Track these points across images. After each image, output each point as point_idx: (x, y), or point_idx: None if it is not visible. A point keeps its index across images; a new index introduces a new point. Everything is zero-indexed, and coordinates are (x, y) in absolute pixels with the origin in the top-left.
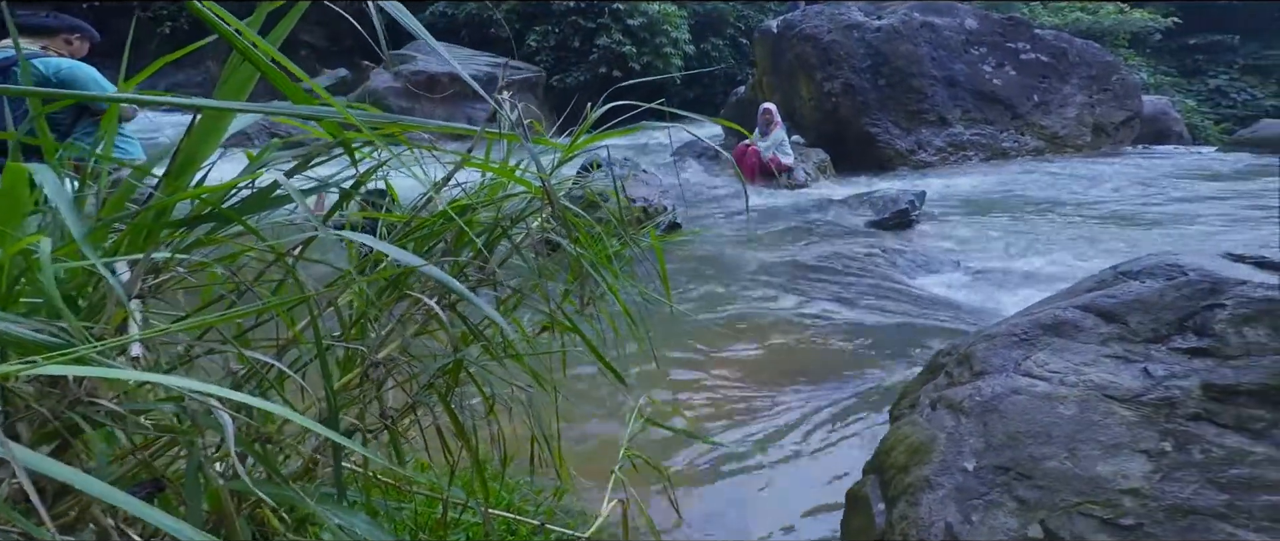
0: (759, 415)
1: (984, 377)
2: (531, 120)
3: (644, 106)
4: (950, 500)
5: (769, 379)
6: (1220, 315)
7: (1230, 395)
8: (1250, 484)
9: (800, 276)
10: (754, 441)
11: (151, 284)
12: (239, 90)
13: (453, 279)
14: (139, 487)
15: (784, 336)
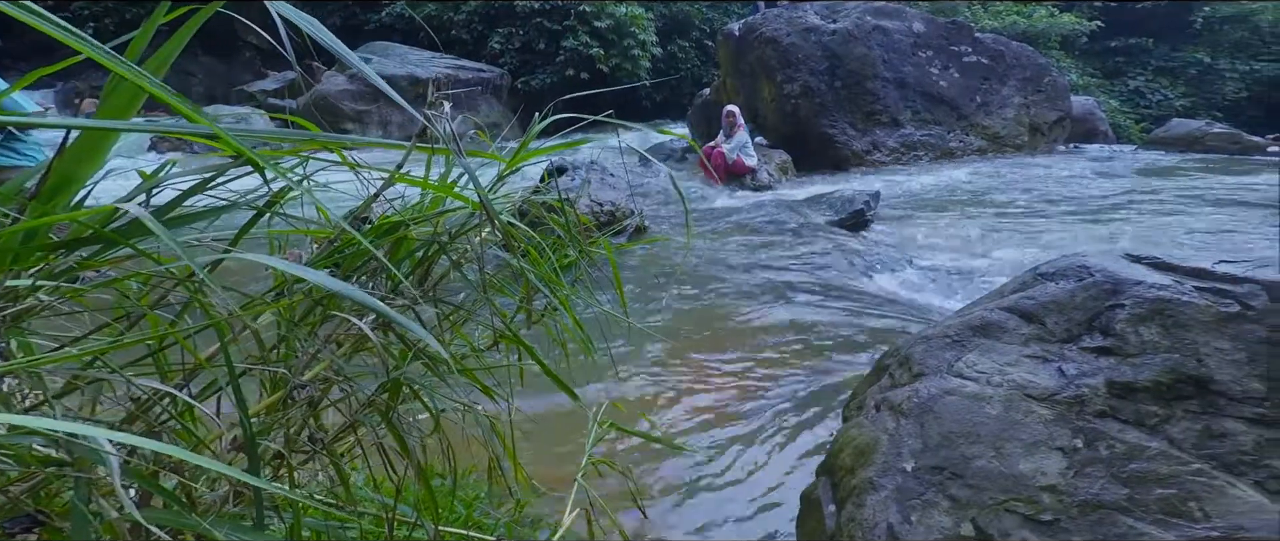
0: (722, 418)
1: (921, 379)
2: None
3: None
4: (892, 501)
5: (732, 381)
6: (1120, 315)
7: (1130, 392)
8: (1146, 478)
9: (763, 278)
10: (717, 444)
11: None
12: (124, 107)
13: (373, 299)
14: (14, 522)
15: (746, 338)
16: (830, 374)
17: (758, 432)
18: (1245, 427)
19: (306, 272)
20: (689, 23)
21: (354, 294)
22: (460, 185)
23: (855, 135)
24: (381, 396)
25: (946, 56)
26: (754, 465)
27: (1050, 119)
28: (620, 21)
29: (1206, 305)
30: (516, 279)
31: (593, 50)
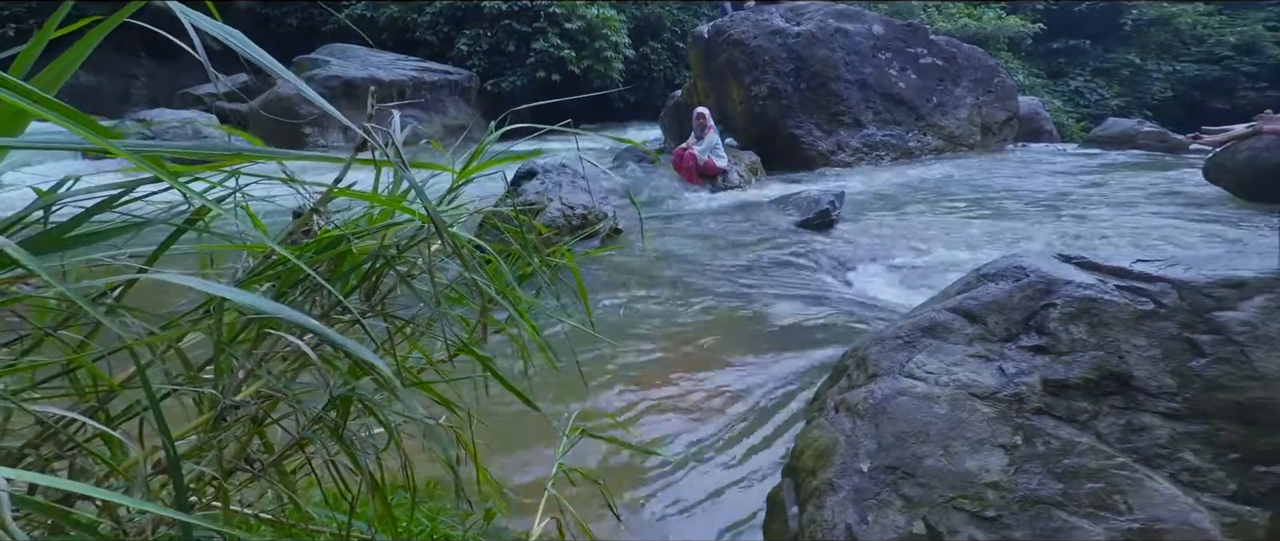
0: (691, 421)
1: (876, 380)
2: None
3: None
4: (849, 501)
5: (701, 384)
6: (1053, 314)
7: (1062, 389)
8: (1077, 473)
9: (733, 280)
10: (687, 448)
11: None
12: (9, 123)
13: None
14: None
15: (717, 340)
16: (798, 374)
17: (727, 435)
18: (1161, 422)
19: (229, 292)
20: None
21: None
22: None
23: (821, 136)
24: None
25: (904, 58)
26: (723, 467)
27: (1000, 119)
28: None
29: (1126, 303)
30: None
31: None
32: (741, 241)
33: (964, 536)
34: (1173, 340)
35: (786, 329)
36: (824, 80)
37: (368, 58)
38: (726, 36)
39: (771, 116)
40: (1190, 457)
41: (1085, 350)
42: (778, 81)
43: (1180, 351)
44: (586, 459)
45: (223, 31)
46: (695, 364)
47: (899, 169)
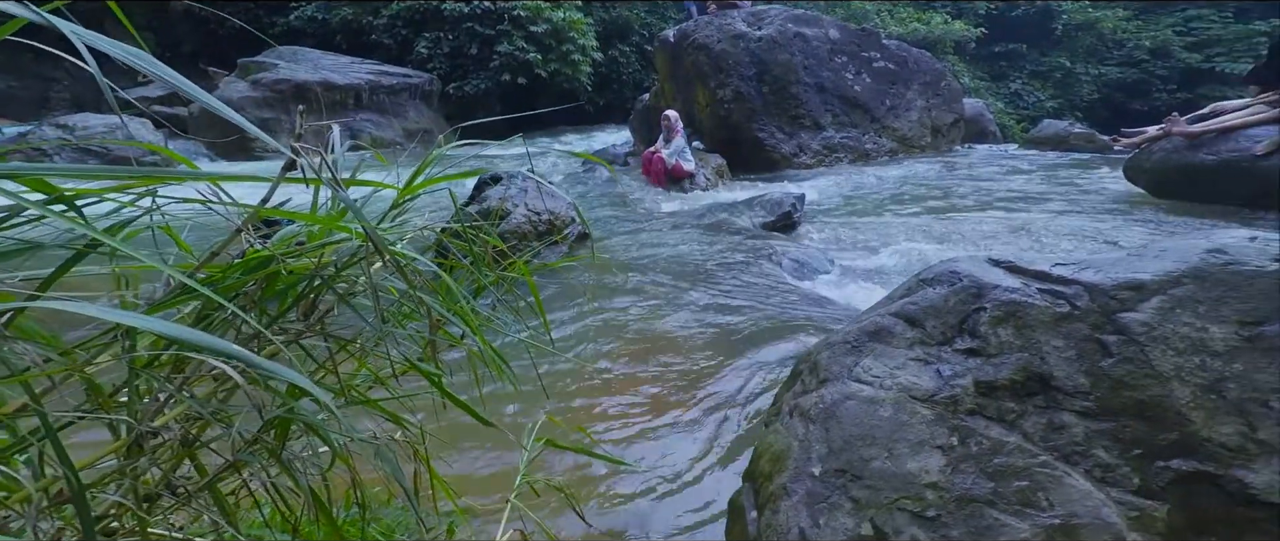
0: (658, 427)
1: (826, 385)
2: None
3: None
4: (802, 505)
5: (668, 390)
6: (983, 317)
7: (992, 390)
8: (1006, 471)
9: (699, 284)
10: (653, 455)
11: None
12: None
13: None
14: None
15: (683, 345)
16: (763, 378)
17: (693, 441)
18: (1077, 420)
19: (130, 318)
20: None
21: (191, 337)
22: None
23: (783, 139)
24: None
25: (859, 62)
26: (689, 473)
27: (948, 121)
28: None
29: (1046, 306)
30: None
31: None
32: (708, 245)
33: (907, 536)
34: (1085, 341)
35: (750, 332)
36: (785, 84)
37: (320, 61)
38: (692, 41)
39: (736, 120)
40: (1102, 454)
41: (1012, 352)
42: (741, 85)
43: (1092, 352)
44: (554, 468)
45: (122, 51)
46: (661, 369)
47: (857, 170)
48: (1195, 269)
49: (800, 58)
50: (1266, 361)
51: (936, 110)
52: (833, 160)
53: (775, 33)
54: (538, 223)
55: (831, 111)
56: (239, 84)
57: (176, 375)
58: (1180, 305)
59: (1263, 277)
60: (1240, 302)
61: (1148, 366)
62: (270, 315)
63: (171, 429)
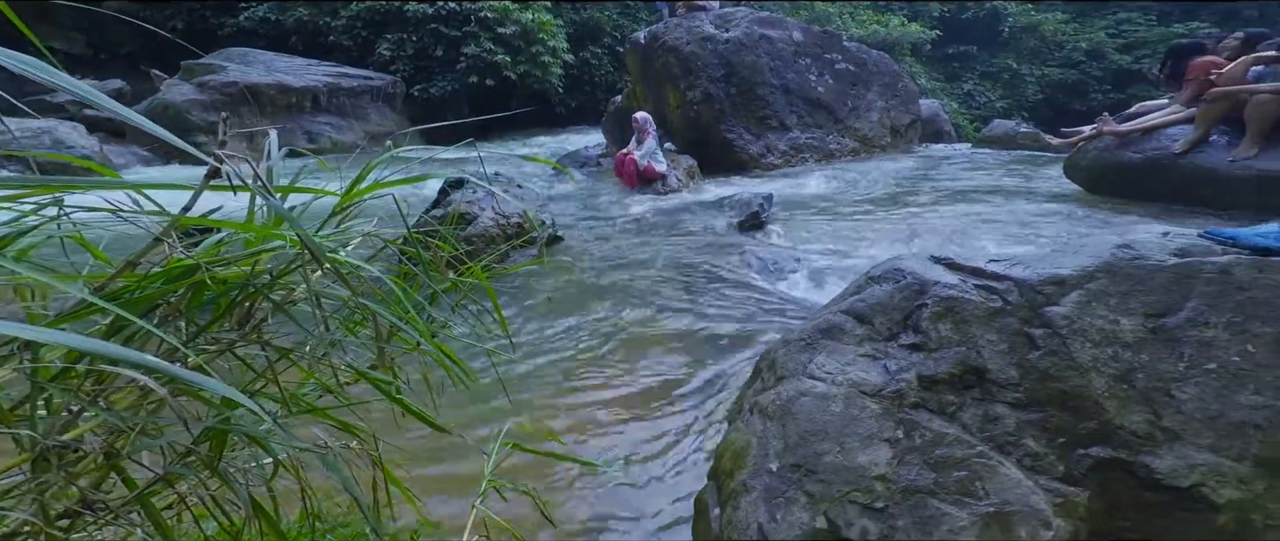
0: (627, 428)
1: (783, 382)
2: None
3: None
4: (761, 501)
5: (637, 391)
6: (925, 313)
7: (933, 384)
8: (946, 462)
9: (669, 284)
10: (622, 455)
11: None
12: None
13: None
14: None
15: (653, 345)
16: (731, 376)
17: (662, 440)
18: (1009, 411)
19: (28, 331)
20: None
21: (102, 349)
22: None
23: (751, 139)
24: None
25: (821, 64)
26: (658, 473)
27: (906, 121)
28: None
29: (981, 301)
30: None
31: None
32: (678, 245)
33: (857, 528)
34: (1016, 334)
35: (719, 331)
36: (752, 86)
37: (274, 62)
38: (662, 42)
39: (706, 121)
40: (1031, 443)
41: (951, 346)
42: (710, 87)
43: (1021, 345)
44: (522, 471)
45: (18, 62)
46: (631, 370)
47: (822, 170)
48: (1107, 264)
49: (766, 60)
50: (1168, 352)
51: (895, 111)
52: (799, 160)
53: (742, 35)
54: (506, 226)
55: (797, 112)
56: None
57: (96, 387)
58: (1095, 299)
59: (1164, 272)
60: (1145, 296)
61: (1069, 358)
62: (198, 324)
63: (89, 442)
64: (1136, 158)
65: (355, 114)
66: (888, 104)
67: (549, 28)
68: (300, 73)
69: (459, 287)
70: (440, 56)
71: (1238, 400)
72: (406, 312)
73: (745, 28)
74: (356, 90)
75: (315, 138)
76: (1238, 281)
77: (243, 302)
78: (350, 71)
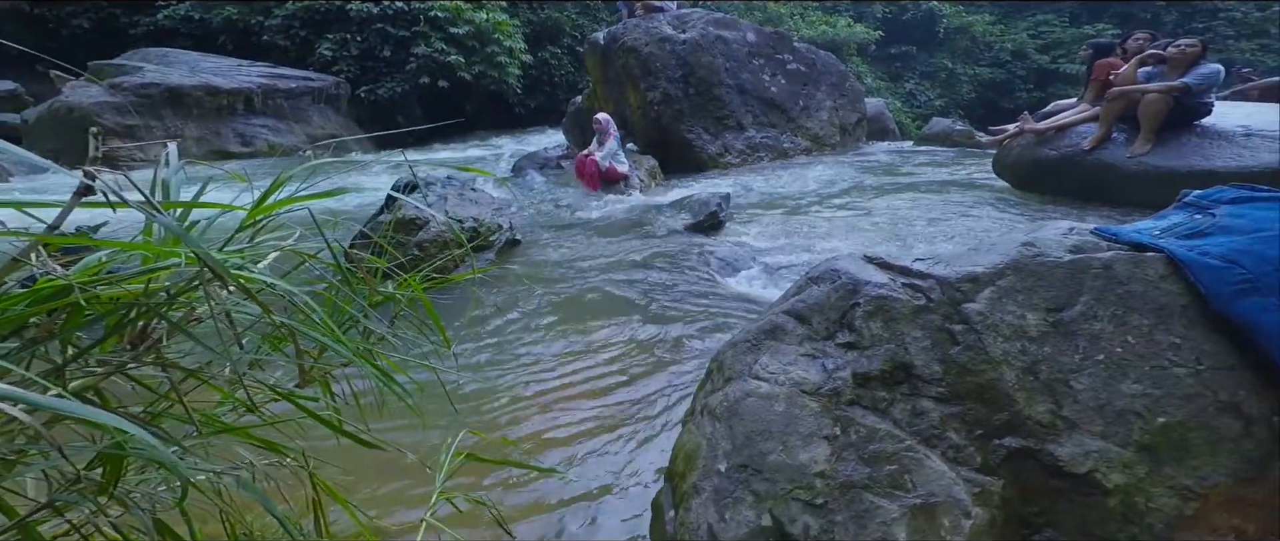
0: (586, 433)
1: (730, 383)
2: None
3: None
4: (711, 502)
5: (596, 396)
6: (858, 312)
7: (867, 381)
8: (879, 457)
9: (629, 286)
10: (580, 461)
11: None
12: None
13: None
14: None
15: (611, 349)
16: (689, 378)
17: (622, 444)
18: (934, 405)
19: None
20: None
21: None
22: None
23: (709, 139)
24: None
25: (774, 64)
26: (616, 477)
27: (853, 120)
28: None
29: (908, 299)
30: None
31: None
32: (638, 247)
33: (800, 524)
34: (938, 331)
35: (678, 333)
36: (709, 86)
37: (199, 63)
38: (621, 43)
39: (666, 121)
40: (954, 436)
41: (882, 344)
42: (669, 87)
43: (943, 340)
44: (477, 482)
45: None
46: (590, 374)
47: (777, 168)
48: (1014, 261)
49: (722, 60)
50: (1067, 344)
51: (843, 110)
52: (755, 159)
53: (698, 36)
54: (460, 231)
55: (752, 112)
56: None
57: None
58: (1005, 295)
59: (1061, 268)
60: (1046, 291)
61: (984, 352)
62: (78, 346)
63: None
64: (1053, 155)
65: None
66: (836, 103)
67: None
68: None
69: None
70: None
71: (1121, 389)
72: (331, 329)
73: (701, 29)
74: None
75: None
76: (1118, 276)
77: (135, 322)
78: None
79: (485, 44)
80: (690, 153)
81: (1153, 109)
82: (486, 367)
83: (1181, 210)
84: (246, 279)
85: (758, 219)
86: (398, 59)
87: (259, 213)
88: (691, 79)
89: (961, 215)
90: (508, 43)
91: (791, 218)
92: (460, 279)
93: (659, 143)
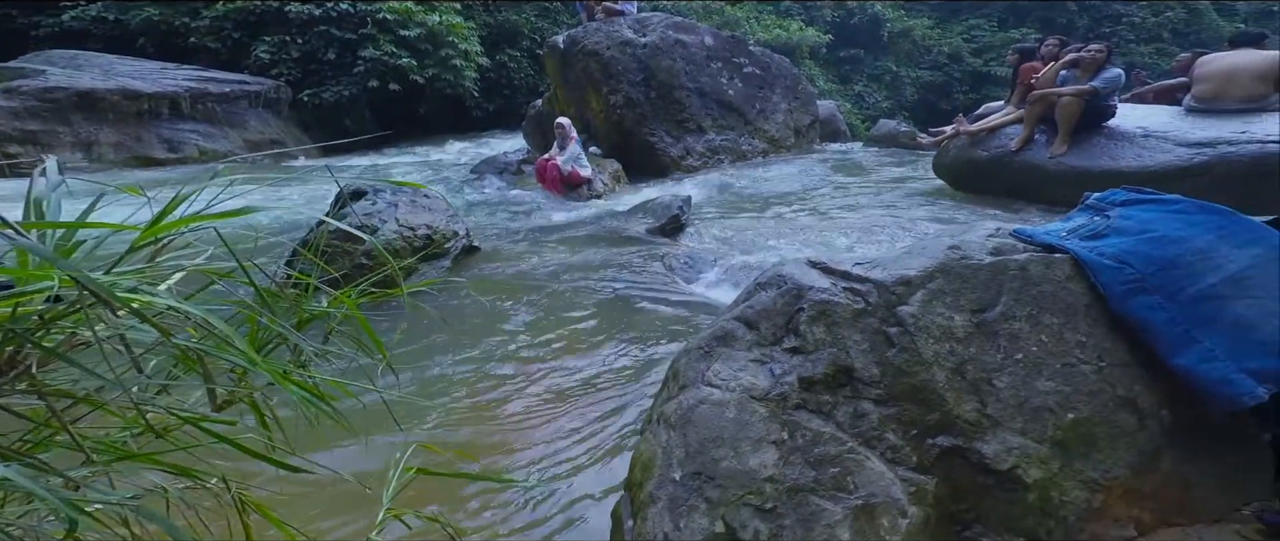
0: (545, 442)
1: (684, 390)
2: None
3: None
4: (666, 511)
5: (558, 404)
6: (802, 317)
7: (812, 385)
8: (824, 459)
9: (591, 292)
10: (539, 471)
11: None
12: None
13: None
14: None
15: (572, 357)
16: (650, 385)
17: (583, 454)
18: (873, 407)
19: None
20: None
21: None
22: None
23: (671, 142)
24: None
25: (731, 68)
26: (576, 488)
27: (806, 122)
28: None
29: (848, 303)
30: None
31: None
32: (599, 252)
33: (751, 530)
34: (876, 333)
35: (639, 339)
36: (670, 89)
37: (115, 66)
38: (582, 47)
39: (628, 125)
40: (892, 437)
41: (825, 348)
42: (631, 91)
43: (881, 343)
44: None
45: None
46: (550, 383)
47: (737, 170)
48: (942, 264)
49: (682, 64)
50: (990, 344)
51: (797, 112)
52: (716, 161)
53: (658, 39)
54: (413, 238)
55: (711, 115)
56: None
57: None
58: (935, 297)
59: (983, 270)
60: (971, 293)
61: (917, 354)
62: None
63: None
64: (984, 156)
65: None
66: (790, 106)
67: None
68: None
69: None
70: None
71: (1037, 386)
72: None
73: (661, 32)
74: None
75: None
76: (1032, 277)
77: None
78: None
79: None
80: (653, 156)
81: (1067, 111)
82: (442, 379)
83: (1084, 212)
84: (141, 301)
85: (718, 221)
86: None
87: (152, 233)
88: (653, 82)
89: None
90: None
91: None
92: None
93: (622, 146)
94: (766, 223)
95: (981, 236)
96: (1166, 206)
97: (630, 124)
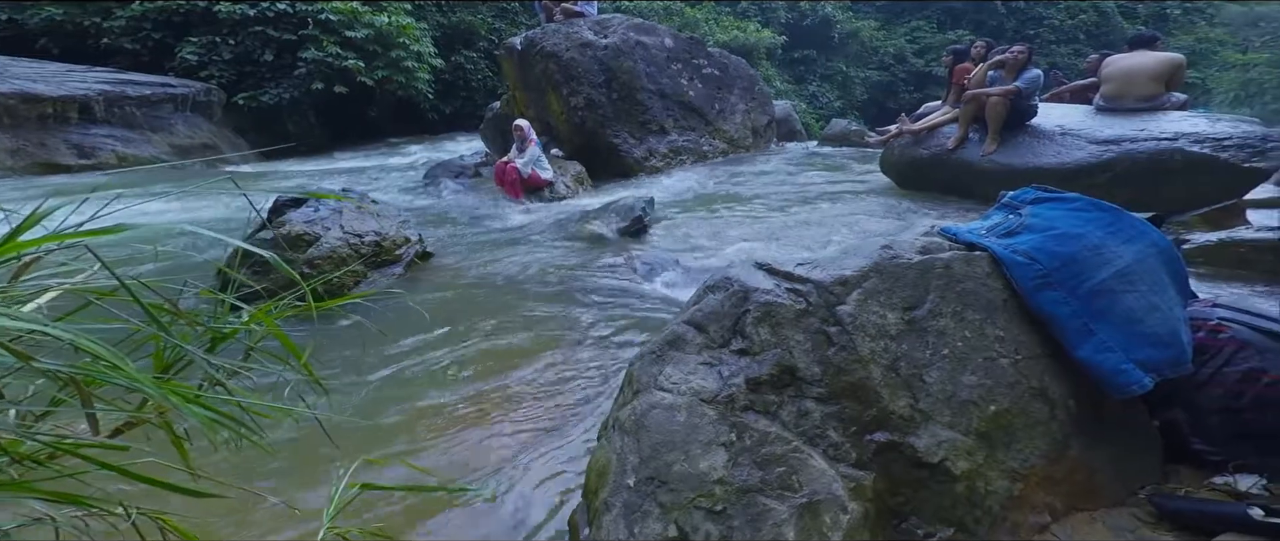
0: (503, 450)
1: (639, 395)
2: None
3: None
4: (621, 518)
5: (515, 411)
6: (748, 318)
7: (758, 386)
8: (770, 459)
9: (551, 297)
10: (497, 480)
11: None
12: None
13: None
14: None
15: (530, 363)
16: (609, 390)
17: (540, 462)
18: (816, 405)
19: None
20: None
21: None
22: None
23: (634, 143)
24: None
25: (691, 69)
26: (534, 496)
27: (763, 122)
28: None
29: (791, 303)
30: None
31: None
32: (559, 255)
33: (702, 532)
34: (817, 333)
35: (599, 343)
36: (631, 91)
37: (9, 68)
38: (540, 49)
39: (590, 126)
40: (833, 434)
41: (770, 348)
42: (592, 93)
43: (822, 342)
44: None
45: None
46: (508, 390)
47: (698, 171)
48: (876, 264)
49: (643, 65)
50: (919, 341)
51: (754, 113)
52: (677, 162)
53: (619, 41)
54: (360, 245)
55: (672, 116)
56: None
57: None
58: (871, 296)
59: (912, 269)
60: (902, 291)
61: (854, 352)
62: None
63: None
64: (925, 154)
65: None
66: (748, 106)
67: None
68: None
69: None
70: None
71: (963, 380)
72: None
73: (622, 34)
74: (152, 99)
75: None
76: (956, 275)
77: None
78: (138, 78)
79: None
80: (617, 157)
81: (995, 111)
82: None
83: (1000, 210)
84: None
85: (680, 222)
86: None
87: (13, 250)
88: (615, 84)
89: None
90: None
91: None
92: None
93: (585, 148)
94: (725, 221)
95: (913, 236)
96: (1067, 204)
97: (593, 125)
